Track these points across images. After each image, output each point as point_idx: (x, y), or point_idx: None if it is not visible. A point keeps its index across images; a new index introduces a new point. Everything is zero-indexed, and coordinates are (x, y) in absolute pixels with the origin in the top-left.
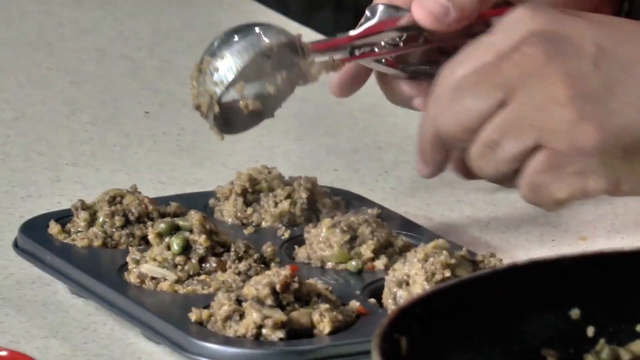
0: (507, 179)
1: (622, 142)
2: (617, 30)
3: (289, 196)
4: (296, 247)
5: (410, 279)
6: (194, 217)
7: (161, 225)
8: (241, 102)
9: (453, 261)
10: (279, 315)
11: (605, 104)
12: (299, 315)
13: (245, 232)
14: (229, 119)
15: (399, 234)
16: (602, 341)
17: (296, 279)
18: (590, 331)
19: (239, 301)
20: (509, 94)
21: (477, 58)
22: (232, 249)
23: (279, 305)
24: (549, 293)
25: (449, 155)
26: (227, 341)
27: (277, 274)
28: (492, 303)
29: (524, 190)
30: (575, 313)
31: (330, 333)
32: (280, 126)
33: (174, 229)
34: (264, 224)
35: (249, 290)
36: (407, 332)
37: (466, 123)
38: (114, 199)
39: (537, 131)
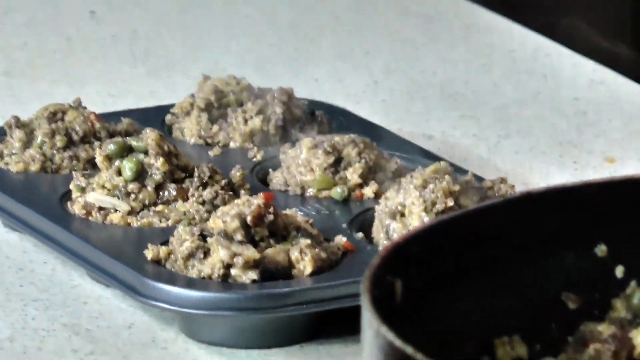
0: None
1: None
2: None
3: (261, 111)
4: (270, 171)
5: (406, 209)
6: (149, 137)
7: (110, 146)
8: None
9: (457, 188)
10: (250, 252)
11: None
12: (275, 252)
13: (211, 153)
14: None
15: (392, 155)
16: (633, 283)
17: (271, 209)
18: (619, 271)
19: (203, 236)
20: None
21: None
22: (195, 174)
23: (251, 240)
24: (570, 227)
25: None
26: (189, 283)
27: (248, 204)
28: (503, 239)
29: None
30: (601, 250)
31: (312, 274)
32: (250, 28)
33: (126, 151)
34: (232, 144)
35: (215, 222)
36: (403, 274)
37: None
38: (55, 115)
39: None
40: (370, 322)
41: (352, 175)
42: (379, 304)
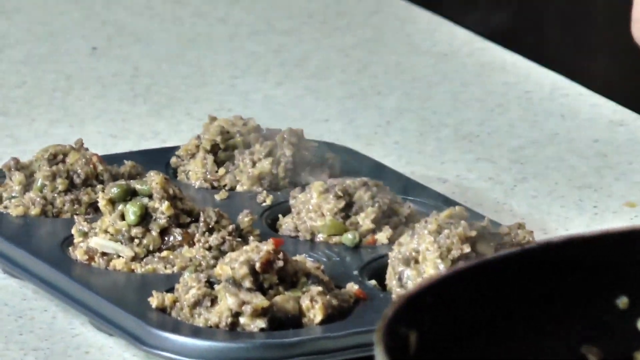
0: None
1: None
2: None
3: (270, 153)
4: (280, 216)
5: (420, 255)
6: (153, 180)
7: (114, 190)
8: None
9: (473, 234)
10: (259, 300)
11: None
12: (284, 300)
13: (217, 197)
14: None
15: (405, 199)
16: None
17: (280, 255)
18: None
19: (210, 283)
20: None
21: None
22: (201, 219)
23: (260, 288)
24: (591, 278)
25: None
26: (196, 332)
27: (257, 250)
28: (522, 290)
29: None
30: (622, 302)
31: (323, 322)
32: (257, 65)
33: (130, 194)
34: (239, 188)
35: (223, 269)
36: (417, 325)
37: None
38: (55, 157)
39: None
40: None
41: (365, 220)
42: (393, 355)
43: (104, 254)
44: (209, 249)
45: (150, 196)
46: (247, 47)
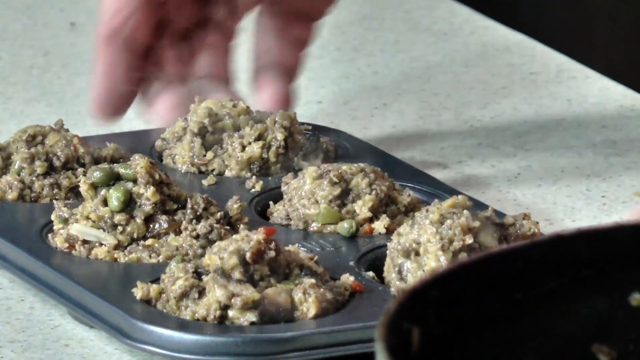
0: None
1: None
2: None
3: (260, 137)
4: (271, 203)
5: (421, 247)
6: (138, 164)
7: (96, 174)
8: None
9: (476, 224)
10: (250, 292)
11: None
12: (276, 292)
13: (205, 182)
14: None
15: (404, 187)
16: None
17: (272, 245)
18: None
19: (197, 274)
20: None
21: None
22: (188, 206)
23: (250, 279)
24: (602, 272)
25: None
26: (182, 325)
27: (248, 239)
28: (529, 285)
29: None
30: (635, 299)
31: (316, 316)
32: (247, 44)
33: (113, 179)
34: (227, 173)
35: (211, 259)
36: (420, 321)
37: None
38: (34, 139)
39: None
40: None
41: (362, 208)
42: (394, 352)
43: (85, 241)
44: (197, 237)
45: (134, 181)
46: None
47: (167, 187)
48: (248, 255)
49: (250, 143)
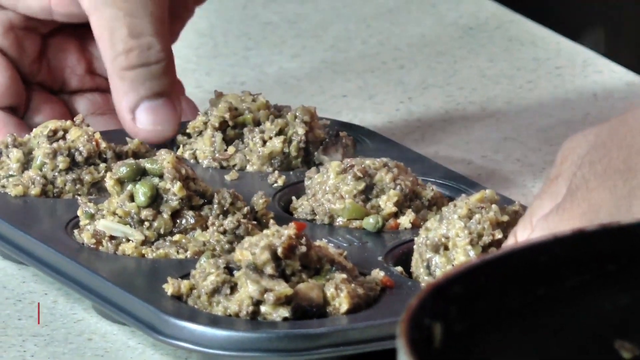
0: None
1: None
2: None
3: (281, 132)
4: (294, 198)
5: (450, 241)
6: (165, 159)
7: (122, 169)
8: None
9: (505, 219)
10: (282, 287)
11: None
12: (308, 288)
13: (227, 177)
14: None
15: (427, 182)
16: None
17: (303, 240)
18: None
19: (229, 269)
20: None
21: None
22: (215, 201)
23: (282, 274)
24: (625, 268)
25: None
26: (214, 321)
27: (279, 234)
28: (552, 280)
29: None
30: None
31: (349, 311)
32: (271, 36)
33: (139, 174)
34: (249, 168)
35: (243, 254)
36: (443, 317)
37: None
38: (55, 134)
39: None
40: None
41: (387, 203)
42: (416, 348)
43: (112, 237)
44: (224, 232)
45: (161, 176)
46: (261, 17)
47: (194, 182)
48: (280, 250)
49: (271, 138)
